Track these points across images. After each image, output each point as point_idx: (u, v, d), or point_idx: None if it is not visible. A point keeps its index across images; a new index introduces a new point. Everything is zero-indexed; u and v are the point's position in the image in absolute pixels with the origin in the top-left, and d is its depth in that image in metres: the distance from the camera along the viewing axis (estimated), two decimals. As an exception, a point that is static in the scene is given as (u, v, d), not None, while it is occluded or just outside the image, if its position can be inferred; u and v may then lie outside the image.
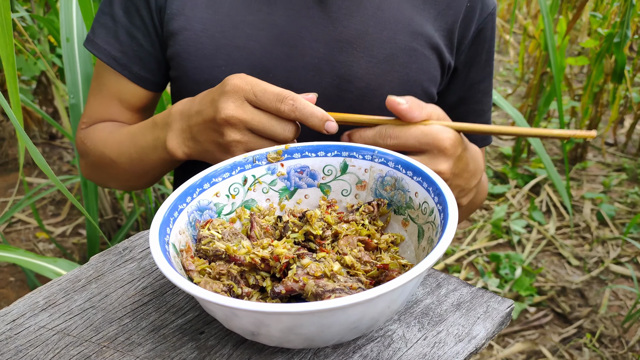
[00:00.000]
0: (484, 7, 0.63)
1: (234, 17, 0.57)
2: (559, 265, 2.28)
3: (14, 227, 2.31)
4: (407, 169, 0.38)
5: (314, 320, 0.27)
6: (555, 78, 1.41)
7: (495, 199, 2.76)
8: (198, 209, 0.38)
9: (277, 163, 0.42)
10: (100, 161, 0.62)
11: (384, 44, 0.58)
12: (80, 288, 0.38)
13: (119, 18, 0.60)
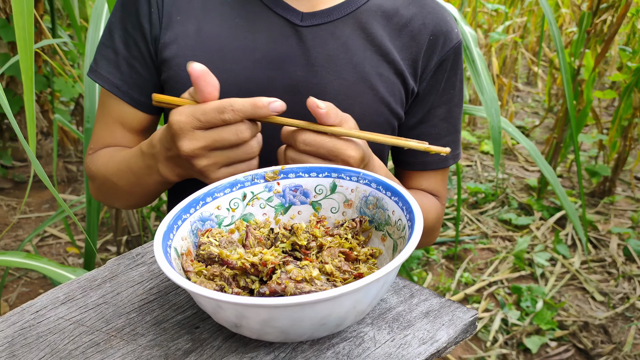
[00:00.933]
0: (446, 41, 0.69)
1: (220, 44, 0.64)
2: (583, 300, 2.24)
3: (46, 241, 2.42)
4: (387, 190, 0.43)
5: (286, 314, 0.32)
6: (570, 111, 1.43)
7: (519, 231, 2.74)
8: (200, 219, 0.43)
9: (274, 182, 0.47)
10: (105, 184, 0.69)
11: (354, 68, 0.65)
12: (96, 286, 0.44)
13: (119, 50, 0.67)
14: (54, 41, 1.63)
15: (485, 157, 3.71)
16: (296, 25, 0.65)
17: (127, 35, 0.67)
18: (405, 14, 0.69)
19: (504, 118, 1.34)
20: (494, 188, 3.19)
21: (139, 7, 0.65)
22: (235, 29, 0.64)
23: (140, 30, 0.66)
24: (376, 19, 0.67)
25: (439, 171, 0.75)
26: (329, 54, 0.65)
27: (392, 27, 0.68)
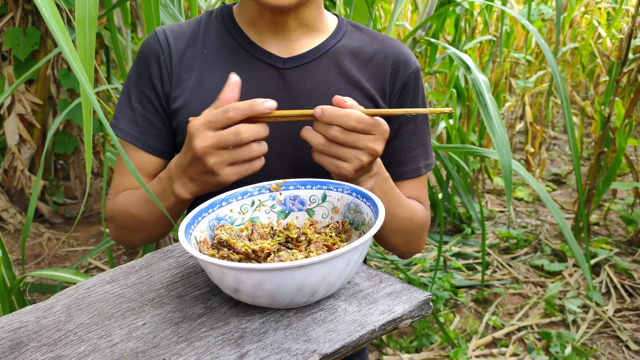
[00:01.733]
0: (406, 67, 0.83)
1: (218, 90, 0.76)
2: (616, 349, 2.21)
3: (90, 272, 2.59)
4: (363, 197, 0.54)
5: (271, 278, 0.42)
6: (573, 154, 1.49)
7: (552, 277, 2.73)
8: (217, 218, 0.55)
9: (277, 192, 0.59)
10: (125, 219, 0.80)
11: (331, 98, 0.77)
12: (135, 271, 0.56)
13: (136, 108, 0.81)
14: (108, 87, 1.84)
15: (518, 203, 3.72)
16: (279, 68, 0.79)
17: (142, 94, 0.81)
18: (369, 50, 0.83)
19: (515, 161, 1.42)
20: (527, 234, 3.19)
21: (151, 71, 0.80)
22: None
23: (153, 89, 0.81)
24: (345, 57, 0.82)
25: (417, 179, 0.87)
26: (309, 89, 0.79)
27: (360, 62, 0.82)
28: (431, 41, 1.60)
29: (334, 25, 0.85)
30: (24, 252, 2.22)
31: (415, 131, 0.85)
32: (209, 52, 0.80)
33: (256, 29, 0.81)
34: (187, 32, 0.83)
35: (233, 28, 0.82)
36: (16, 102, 2.75)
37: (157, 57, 0.80)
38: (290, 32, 0.80)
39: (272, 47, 0.80)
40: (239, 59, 0.80)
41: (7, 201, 2.92)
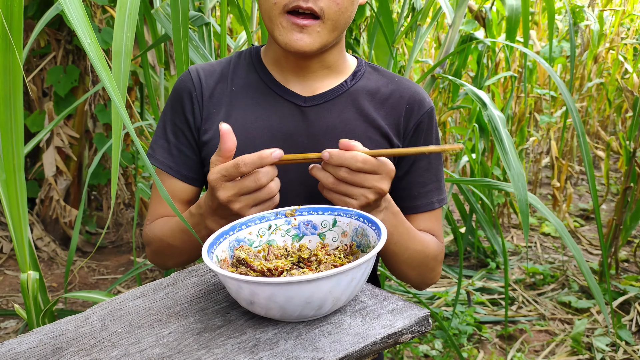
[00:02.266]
0: (420, 107, 0.89)
1: (245, 125, 0.84)
2: (646, 389, 2.14)
3: (121, 300, 2.65)
4: (369, 222, 0.59)
5: (282, 291, 0.48)
6: (590, 183, 1.50)
7: (579, 314, 2.68)
8: (236, 240, 0.61)
9: (292, 217, 0.64)
10: (160, 245, 0.87)
11: (348, 135, 0.84)
12: (163, 288, 0.62)
13: (170, 140, 0.89)
14: (141, 123, 1.95)
15: (545, 238, 3.68)
16: (301, 106, 0.86)
17: (176, 127, 0.89)
18: (385, 91, 0.89)
19: (531, 194, 1.45)
20: (553, 270, 3.15)
21: (184, 106, 0.88)
22: (255, 113, 0.85)
23: (186, 122, 0.88)
24: (363, 97, 0.88)
25: (430, 213, 0.91)
26: (328, 126, 0.85)
27: (376, 102, 0.88)
28: (449, 78, 1.67)
29: (353, 67, 0.91)
30: (66, 277, 2.31)
31: (429, 167, 0.90)
32: (237, 89, 0.88)
33: (281, 69, 0.88)
34: (218, 70, 0.90)
35: (260, 68, 0.89)
36: (55, 135, 2.91)
37: (190, 93, 0.88)
38: (312, 74, 0.87)
39: (294, 86, 0.87)
40: (263, 97, 0.87)
41: (42, 230, 3.05)
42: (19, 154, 1.08)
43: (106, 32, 2.45)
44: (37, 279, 1.18)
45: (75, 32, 0.82)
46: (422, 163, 0.89)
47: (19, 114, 1.07)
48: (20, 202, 1.11)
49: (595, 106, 5.20)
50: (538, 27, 4.38)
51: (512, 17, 2.62)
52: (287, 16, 0.77)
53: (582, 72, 4.68)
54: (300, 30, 0.77)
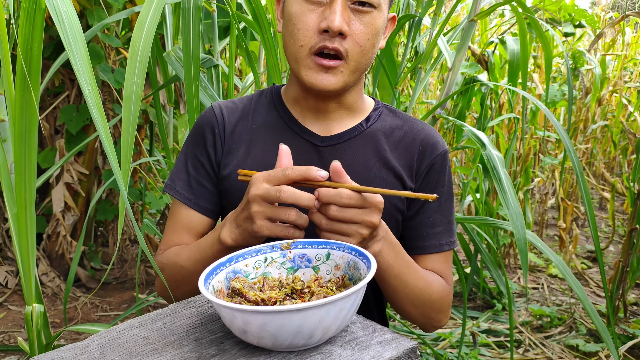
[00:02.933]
0: (433, 149, 0.91)
1: (263, 161, 0.88)
2: None
3: (123, 337, 2.64)
4: (360, 255, 0.61)
5: (273, 319, 0.49)
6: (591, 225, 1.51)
7: (588, 357, 2.63)
8: (233, 271, 0.63)
9: (287, 250, 0.67)
10: (172, 270, 0.87)
11: (362, 174, 0.87)
12: (160, 318, 0.64)
13: (191, 172, 0.92)
14: (148, 159, 1.99)
15: (552, 280, 3.64)
16: (318, 146, 0.90)
17: (196, 161, 0.92)
18: (400, 133, 0.92)
19: (531, 233, 1.46)
20: (561, 312, 3.10)
21: (206, 140, 0.92)
22: (274, 150, 0.87)
23: (207, 156, 0.92)
24: (378, 138, 0.91)
25: (439, 255, 0.92)
26: (342, 165, 0.85)
27: (391, 143, 0.91)
28: (449, 119, 1.71)
29: (370, 108, 0.95)
30: (65, 305, 2.31)
31: (439, 209, 0.92)
32: (257, 127, 0.91)
33: (300, 109, 0.91)
34: (240, 107, 0.94)
35: (280, 106, 0.93)
36: (65, 171, 2.96)
37: (212, 128, 0.92)
38: (330, 114, 0.90)
39: (312, 125, 0.91)
40: (282, 135, 0.90)
41: (48, 265, 3.07)
42: (31, 188, 1.12)
43: (119, 72, 2.54)
44: (41, 311, 1.19)
45: (77, 79, 0.88)
46: (432, 204, 0.91)
47: (33, 151, 1.12)
48: (29, 235, 1.14)
49: (600, 148, 5.23)
50: (541, 70, 4.47)
51: (513, 60, 2.69)
52: (313, 57, 0.81)
53: (586, 115, 4.74)
54: (325, 71, 0.81)
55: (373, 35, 0.82)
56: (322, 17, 0.79)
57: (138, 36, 0.97)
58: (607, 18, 5.22)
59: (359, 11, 0.80)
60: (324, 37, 0.80)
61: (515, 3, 1.85)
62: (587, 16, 2.96)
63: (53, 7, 0.95)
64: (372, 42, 0.82)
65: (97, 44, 2.57)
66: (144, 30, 0.97)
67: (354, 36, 0.80)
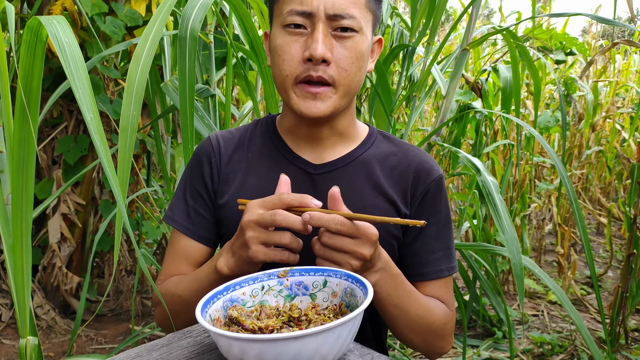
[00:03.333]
0: (427, 176, 0.92)
1: (258, 190, 0.89)
2: None
3: (118, 370, 2.60)
4: (357, 282, 0.61)
5: (270, 348, 0.49)
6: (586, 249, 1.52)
7: (589, 385, 2.59)
8: (230, 299, 0.63)
9: (284, 278, 0.67)
10: (171, 300, 0.87)
11: (355, 201, 0.87)
12: (157, 349, 0.63)
13: (189, 202, 0.93)
14: (147, 190, 2.00)
15: (552, 307, 3.61)
16: (311, 173, 0.90)
17: (194, 190, 0.93)
18: (394, 159, 0.93)
19: (527, 258, 1.46)
20: (561, 339, 3.07)
21: (203, 170, 0.93)
22: (269, 179, 0.89)
23: (204, 186, 0.93)
24: (372, 165, 0.91)
25: (439, 281, 0.91)
26: None
27: (385, 170, 0.91)
28: (444, 146, 1.72)
29: (364, 134, 0.95)
30: (71, 343, 2.28)
31: (437, 235, 0.92)
32: (252, 156, 0.93)
33: (294, 138, 0.92)
34: (236, 137, 0.96)
35: (274, 136, 0.94)
36: (61, 202, 2.96)
37: (209, 158, 0.93)
38: (323, 140, 0.91)
39: (306, 153, 0.92)
40: (276, 164, 0.91)
41: (43, 297, 3.03)
42: (28, 219, 1.12)
43: (117, 103, 2.56)
44: (35, 344, 1.18)
45: (80, 107, 0.89)
46: (430, 230, 0.91)
47: (30, 182, 1.12)
48: (24, 267, 1.14)
49: (595, 173, 5.26)
50: (534, 97, 4.53)
51: (506, 88, 2.73)
52: (300, 86, 0.83)
53: (580, 140, 4.78)
54: (314, 98, 0.83)
55: (358, 58, 0.83)
56: (305, 47, 0.81)
57: (134, 70, 0.99)
58: (598, 46, 5.33)
59: (341, 37, 0.81)
60: (309, 67, 0.81)
61: (506, 32, 1.89)
62: (578, 44, 3.02)
63: (55, 37, 0.97)
64: (357, 65, 0.83)
65: (96, 75, 2.60)
66: (140, 64, 0.99)
67: (338, 62, 0.81)
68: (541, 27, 3.10)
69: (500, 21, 4.27)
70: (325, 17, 0.80)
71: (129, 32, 2.66)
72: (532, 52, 3.12)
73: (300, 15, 0.80)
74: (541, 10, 4.28)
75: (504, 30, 1.86)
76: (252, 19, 1.44)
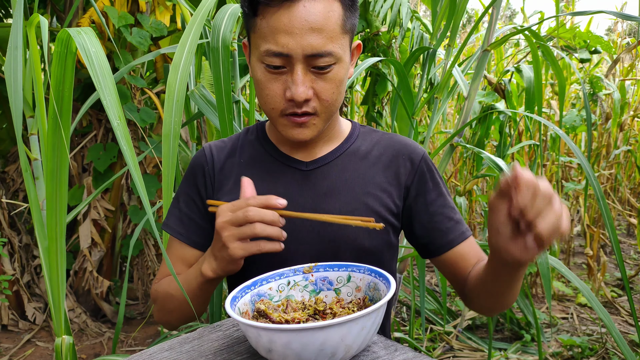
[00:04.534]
0: (414, 155, 0.95)
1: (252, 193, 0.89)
2: None
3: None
4: (380, 276, 0.63)
5: (297, 338, 0.51)
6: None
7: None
8: (257, 294, 0.65)
9: (309, 274, 0.69)
10: (165, 299, 0.92)
11: (348, 192, 0.90)
12: (189, 342, 0.66)
13: (182, 209, 0.97)
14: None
15: (582, 309, 3.55)
16: (303, 170, 0.94)
17: (188, 198, 0.97)
18: (379, 148, 0.96)
19: (554, 258, 1.45)
20: (592, 342, 3.01)
21: (197, 179, 0.97)
22: (262, 181, 0.92)
23: (198, 194, 0.97)
24: (358, 156, 0.95)
25: (468, 240, 0.93)
26: (329, 185, 0.92)
27: (372, 159, 0.95)
28: (467, 146, 1.72)
29: (348, 129, 0.99)
30: (115, 342, 2.33)
31: (445, 203, 0.95)
32: (245, 162, 0.97)
33: (284, 142, 0.97)
34: (228, 145, 1.00)
35: (265, 141, 0.98)
36: (92, 208, 3.04)
37: (203, 168, 0.98)
38: (312, 143, 0.95)
39: (296, 154, 0.95)
40: (269, 167, 0.95)
41: (75, 301, 3.12)
42: (62, 222, 1.17)
43: (144, 111, 2.63)
44: (70, 343, 1.22)
45: (107, 114, 0.94)
46: (439, 200, 0.94)
47: (64, 187, 1.17)
48: (59, 268, 1.18)
49: (624, 173, 5.15)
50: (559, 97, 4.46)
51: (530, 88, 2.71)
52: (286, 117, 0.86)
53: (608, 140, 4.69)
54: (299, 126, 0.86)
55: (338, 86, 0.84)
56: (285, 85, 0.82)
57: (174, 78, 1.03)
58: (624, 44, 5.22)
59: (320, 73, 0.82)
60: (292, 104, 0.83)
61: (528, 32, 1.88)
62: (603, 42, 2.98)
63: (83, 48, 1.02)
64: (338, 91, 0.85)
65: (124, 85, 2.67)
66: (179, 72, 1.03)
67: (320, 94, 0.83)
68: (564, 27, 3.07)
69: (523, 22, 4.24)
70: (303, 58, 0.80)
71: (154, 43, 2.73)
72: (555, 52, 3.09)
73: (277, 57, 0.80)
74: (564, 9, 4.23)
75: (526, 30, 1.85)
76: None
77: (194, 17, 1.13)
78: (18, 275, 3.00)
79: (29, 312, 3.02)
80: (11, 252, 3.01)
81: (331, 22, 0.80)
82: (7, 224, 3.01)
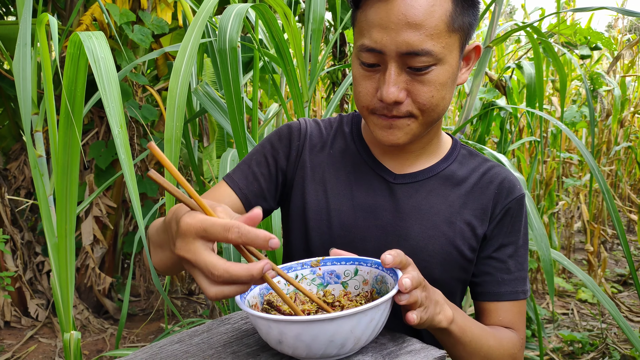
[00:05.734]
0: (509, 194, 0.87)
1: (333, 192, 0.87)
2: None
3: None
4: (387, 270, 0.64)
5: (308, 329, 0.52)
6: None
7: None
8: (266, 287, 0.66)
9: (317, 267, 0.70)
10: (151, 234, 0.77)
11: (431, 217, 0.85)
12: (198, 334, 0.67)
13: (252, 167, 0.90)
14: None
15: (582, 305, 3.57)
16: (390, 182, 0.87)
17: (263, 158, 0.91)
18: (476, 175, 0.89)
19: (556, 251, 1.46)
20: (592, 337, 3.03)
21: (282, 146, 0.91)
22: (344, 180, 0.88)
23: (275, 161, 0.91)
24: (451, 182, 0.88)
25: (513, 303, 0.86)
26: (413, 205, 0.86)
27: (465, 188, 0.88)
28: (469, 143, 1.73)
29: (448, 146, 0.91)
30: (118, 339, 2.35)
31: (515, 254, 0.87)
32: (334, 153, 0.91)
33: (376, 144, 0.91)
34: (323, 130, 0.95)
35: (358, 138, 0.92)
36: (94, 205, 3.05)
37: (293, 139, 0.92)
38: (407, 153, 0.89)
39: (387, 161, 0.89)
40: (356, 166, 0.90)
41: (77, 298, 3.13)
42: (71, 219, 1.18)
43: (146, 108, 2.64)
44: (79, 338, 1.23)
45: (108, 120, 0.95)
46: (507, 249, 0.87)
47: (74, 183, 1.18)
48: (69, 264, 1.20)
49: (625, 169, 5.16)
50: (559, 93, 4.47)
51: (531, 84, 2.71)
52: (376, 115, 0.80)
53: (608, 136, 4.70)
54: (390, 126, 0.79)
55: (439, 89, 0.76)
56: (378, 84, 0.77)
57: (175, 83, 1.04)
58: (625, 40, 5.23)
59: (417, 73, 0.75)
60: (383, 105, 0.77)
61: (529, 29, 1.89)
62: (603, 39, 2.98)
63: (91, 52, 1.02)
64: (439, 95, 0.77)
65: (125, 82, 2.68)
66: (180, 77, 1.04)
67: (416, 97, 0.76)
68: (565, 23, 3.07)
69: (524, 18, 4.24)
70: (397, 56, 0.73)
71: (155, 40, 2.73)
72: (556, 48, 3.09)
73: (370, 53, 0.75)
74: (565, 6, 4.23)
75: (527, 26, 1.86)
76: (277, 23, 1.48)
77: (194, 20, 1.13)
78: (20, 272, 3.01)
79: (31, 309, 3.04)
80: (13, 249, 3.02)
81: (434, 18, 0.72)
82: (9, 221, 3.02)
